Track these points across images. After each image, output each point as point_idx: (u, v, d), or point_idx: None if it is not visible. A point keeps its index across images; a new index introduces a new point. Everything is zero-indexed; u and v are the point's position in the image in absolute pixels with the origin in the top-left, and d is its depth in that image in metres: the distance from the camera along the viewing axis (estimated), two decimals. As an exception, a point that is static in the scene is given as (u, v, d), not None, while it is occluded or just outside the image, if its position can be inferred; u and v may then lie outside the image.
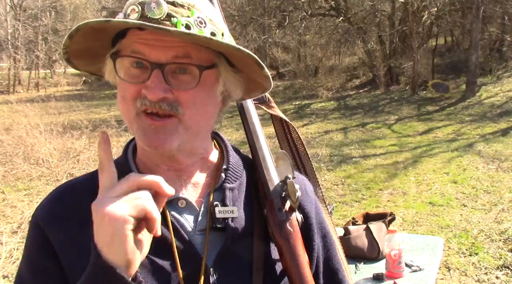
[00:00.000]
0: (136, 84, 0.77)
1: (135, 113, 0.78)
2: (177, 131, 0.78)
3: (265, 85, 0.86)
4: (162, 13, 0.75)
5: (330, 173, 6.98)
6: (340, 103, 14.13)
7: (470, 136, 8.86)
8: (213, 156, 0.92)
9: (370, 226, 2.39)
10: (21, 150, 7.90)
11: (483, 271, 3.82)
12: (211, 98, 0.82)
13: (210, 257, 0.81)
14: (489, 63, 14.47)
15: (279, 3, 17.48)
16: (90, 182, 0.86)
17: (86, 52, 0.82)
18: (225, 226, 0.83)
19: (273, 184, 0.87)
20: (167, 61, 0.76)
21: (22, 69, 24.35)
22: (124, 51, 0.79)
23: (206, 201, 0.85)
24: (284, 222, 0.83)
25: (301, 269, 0.82)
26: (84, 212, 0.79)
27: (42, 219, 0.84)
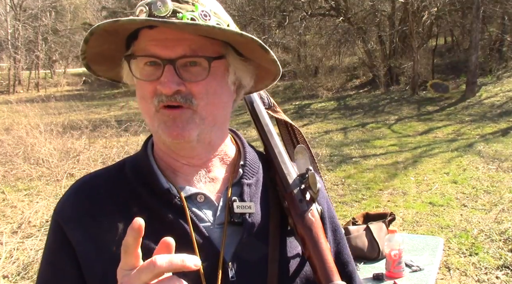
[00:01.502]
0: (151, 82, 0.81)
1: (154, 110, 0.82)
2: (193, 121, 0.81)
3: (274, 70, 0.88)
4: (168, 10, 0.79)
5: (330, 173, 6.98)
6: (340, 103, 14.14)
7: (470, 136, 8.86)
8: (231, 151, 0.94)
9: (370, 226, 2.39)
10: (21, 150, 7.90)
11: (483, 271, 3.82)
12: (223, 88, 0.85)
13: (228, 250, 0.83)
14: (489, 63, 14.47)
15: (279, 3, 17.50)
16: (111, 178, 0.89)
17: (103, 57, 0.86)
18: (243, 221, 0.85)
19: (291, 177, 0.90)
20: (177, 56, 0.80)
21: (22, 69, 24.36)
22: (138, 52, 0.82)
23: (224, 196, 0.88)
24: (306, 212, 0.86)
25: (324, 255, 0.83)
26: (100, 208, 0.84)
27: (61, 217, 0.86)
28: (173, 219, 0.82)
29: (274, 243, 0.86)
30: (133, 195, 0.85)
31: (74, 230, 0.83)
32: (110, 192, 0.86)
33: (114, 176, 0.89)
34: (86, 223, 0.84)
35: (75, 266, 0.82)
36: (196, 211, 0.85)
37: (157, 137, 0.88)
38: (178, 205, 0.83)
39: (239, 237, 0.84)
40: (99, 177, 0.91)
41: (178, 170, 0.88)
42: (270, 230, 0.87)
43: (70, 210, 0.86)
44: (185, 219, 0.82)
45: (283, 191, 0.89)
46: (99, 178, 0.90)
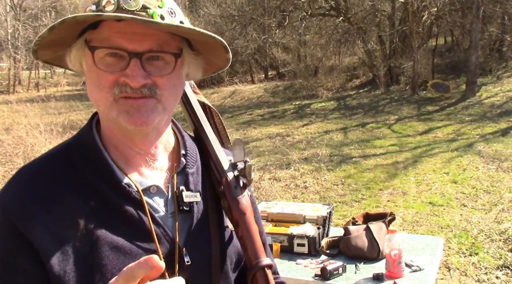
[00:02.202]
0: (113, 73, 0.81)
1: (112, 99, 0.82)
2: (156, 109, 0.84)
3: (221, 65, 0.94)
4: (138, 5, 0.79)
5: (330, 173, 6.98)
6: (340, 103, 14.13)
7: (470, 136, 8.86)
8: (172, 139, 0.98)
9: (370, 226, 2.39)
10: (21, 150, 7.90)
11: (483, 271, 3.82)
12: (180, 81, 0.90)
13: (181, 237, 0.89)
14: (489, 63, 14.47)
15: (279, 3, 17.49)
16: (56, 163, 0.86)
17: (53, 42, 0.83)
18: (190, 209, 0.91)
19: (226, 164, 0.96)
20: (144, 50, 0.81)
21: (22, 69, 24.37)
22: (98, 42, 0.81)
23: (171, 185, 0.92)
24: (241, 198, 0.93)
25: (254, 237, 0.92)
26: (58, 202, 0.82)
27: (14, 214, 0.79)
28: (132, 212, 0.85)
29: (214, 224, 0.94)
30: (90, 188, 0.84)
31: (33, 227, 0.78)
32: (63, 183, 0.83)
33: (63, 165, 0.86)
34: (45, 219, 0.80)
35: (40, 267, 0.78)
36: (150, 202, 0.88)
37: (112, 124, 0.87)
38: (137, 199, 0.86)
39: (188, 224, 0.91)
40: (46, 168, 0.86)
41: (130, 160, 0.89)
42: (209, 212, 0.94)
43: (25, 205, 0.80)
44: (143, 211, 0.85)
45: (218, 176, 0.96)
46: (47, 168, 0.86)
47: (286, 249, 2.43)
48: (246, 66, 20.10)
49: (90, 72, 0.84)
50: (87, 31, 0.82)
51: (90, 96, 0.86)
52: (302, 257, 2.38)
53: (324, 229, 2.53)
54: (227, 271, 0.95)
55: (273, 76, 20.01)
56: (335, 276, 2.15)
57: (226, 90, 18.17)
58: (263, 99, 16.31)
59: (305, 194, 6.15)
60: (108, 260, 0.80)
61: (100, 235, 0.81)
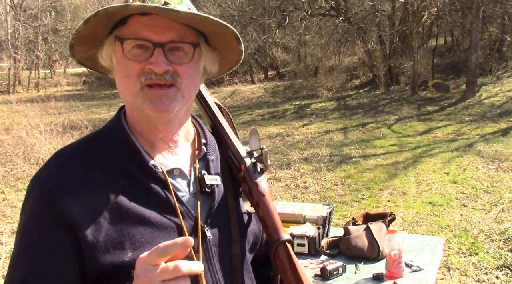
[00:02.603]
0: (140, 62, 0.91)
1: (139, 87, 0.92)
2: (176, 98, 0.94)
3: (237, 60, 1.04)
4: (160, 1, 0.89)
5: (330, 173, 6.98)
6: (340, 103, 14.13)
7: (470, 136, 8.86)
8: (192, 130, 1.08)
9: (370, 226, 2.39)
10: (21, 150, 7.90)
11: (483, 271, 3.82)
12: (198, 72, 0.99)
13: (202, 215, 0.98)
14: (489, 63, 14.46)
15: (279, 3, 17.49)
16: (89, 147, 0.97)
17: (87, 38, 0.94)
18: (212, 191, 1.01)
19: (243, 152, 1.07)
20: (167, 41, 0.91)
21: (22, 69, 24.36)
22: (127, 36, 0.92)
23: (193, 169, 1.02)
24: (259, 181, 1.04)
25: (274, 215, 1.02)
26: (93, 179, 0.91)
27: (52, 186, 0.88)
28: (158, 190, 0.94)
29: (233, 207, 1.04)
30: (120, 168, 0.93)
31: (68, 201, 0.87)
32: (96, 164, 0.93)
33: (95, 149, 0.96)
34: (80, 193, 0.88)
35: (73, 240, 0.86)
36: (174, 183, 0.98)
37: (138, 112, 0.97)
38: (162, 179, 0.95)
39: (209, 204, 1.00)
40: (81, 150, 0.96)
41: (155, 144, 0.99)
42: (228, 196, 1.04)
43: (62, 179, 0.89)
44: (168, 190, 0.95)
45: (237, 163, 1.06)
46: (82, 151, 0.96)
47: (286, 249, 2.42)
48: (246, 66, 20.08)
49: (119, 64, 0.94)
50: (117, 27, 0.93)
51: (118, 87, 0.96)
52: (302, 257, 2.38)
53: (324, 229, 2.53)
54: (244, 248, 1.05)
55: (273, 76, 20.00)
56: (335, 276, 2.15)
57: (226, 90, 18.16)
58: (263, 99, 16.31)
59: (305, 194, 6.15)
60: (136, 230, 0.89)
61: (129, 208, 0.90)
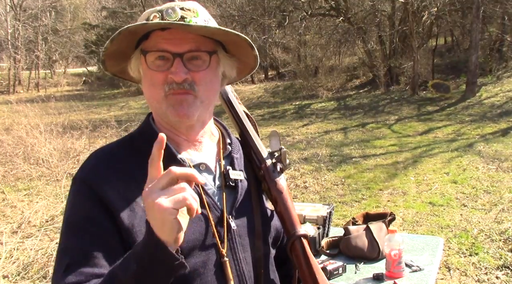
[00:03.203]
0: (162, 72, 1.00)
1: (163, 95, 1.01)
2: (195, 104, 1.02)
3: (252, 64, 1.12)
4: (177, 16, 0.98)
5: (330, 173, 6.98)
6: (340, 103, 14.13)
7: (470, 136, 8.86)
8: (216, 132, 1.17)
9: (370, 226, 2.39)
10: (21, 150, 7.90)
11: (483, 271, 3.82)
12: (216, 78, 1.07)
13: (227, 207, 1.06)
14: (489, 63, 14.46)
15: (279, 3, 17.49)
16: (123, 147, 1.08)
17: (115, 54, 1.04)
18: (236, 185, 1.10)
19: (264, 153, 1.16)
20: (184, 51, 1.00)
21: (22, 69, 24.36)
22: (149, 48, 1.01)
23: (219, 166, 1.11)
24: (278, 179, 1.12)
25: (291, 212, 1.10)
26: (128, 173, 1.01)
27: (91, 179, 1.00)
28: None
29: (256, 201, 1.12)
30: None
31: (106, 189, 0.97)
32: (130, 160, 1.04)
33: (129, 148, 1.07)
34: (117, 184, 0.99)
35: (113, 222, 0.96)
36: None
37: (162, 117, 1.06)
38: None
39: (233, 197, 1.08)
40: (115, 149, 1.08)
41: (180, 144, 1.08)
42: (251, 191, 1.12)
43: (100, 173, 1.01)
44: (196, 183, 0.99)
45: (258, 163, 1.15)
46: (116, 149, 1.07)
47: (286, 249, 2.42)
48: (246, 66, 20.06)
49: (145, 75, 1.04)
50: (141, 42, 1.02)
51: (145, 95, 1.06)
52: (302, 257, 2.38)
53: (324, 229, 2.53)
54: (267, 241, 1.12)
55: (273, 76, 20.00)
56: (335, 276, 2.15)
57: (226, 90, 18.13)
58: (263, 99, 16.31)
59: (305, 194, 6.15)
60: None
61: None
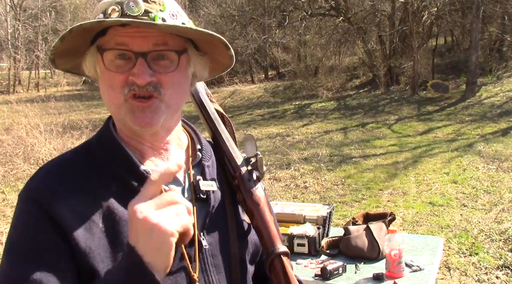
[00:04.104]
0: (123, 73, 0.87)
1: (123, 99, 0.88)
2: (160, 109, 0.89)
3: (228, 64, 0.99)
4: (140, 10, 0.85)
5: (330, 173, 6.98)
6: (340, 103, 14.13)
7: (470, 136, 8.86)
8: (184, 138, 1.04)
9: (370, 226, 2.39)
10: (21, 150, 7.90)
11: (483, 271, 3.82)
12: (185, 79, 0.94)
13: (198, 223, 0.94)
14: (489, 63, 14.46)
15: (279, 3, 17.49)
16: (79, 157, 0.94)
17: (68, 51, 0.91)
18: (207, 197, 0.97)
19: (239, 160, 1.03)
20: (149, 50, 0.87)
21: (22, 69, 24.36)
22: (107, 45, 0.88)
23: (188, 176, 0.98)
24: (254, 190, 0.99)
25: (270, 226, 0.98)
26: (83, 187, 0.88)
27: (41, 195, 0.85)
28: None
29: (231, 215, 1.00)
30: (111, 175, 0.90)
31: (58, 207, 0.83)
32: (86, 172, 0.90)
33: (85, 158, 0.93)
34: (71, 201, 0.85)
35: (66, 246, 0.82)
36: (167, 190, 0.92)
37: (122, 124, 0.94)
38: None
39: (205, 211, 0.96)
40: (70, 159, 0.93)
41: (144, 153, 0.95)
42: (225, 203, 1.00)
43: (50, 188, 0.86)
44: None
45: (232, 171, 1.02)
46: (71, 160, 0.93)
47: (286, 249, 2.42)
48: (246, 66, 20.09)
49: (103, 75, 0.90)
50: (98, 37, 0.89)
51: (103, 98, 0.92)
52: (302, 257, 2.38)
53: (324, 229, 2.53)
54: (244, 259, 1.00)
55: (273, 76, 20.00)
56: (335, 276, 2.15)
57: (226, 90, 18.17)
58: (263, 99, 16.30)
59: (305, 194, 6.15)
60: None
61: (122, 215, 0.86)
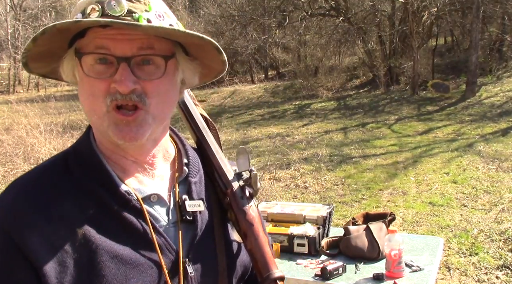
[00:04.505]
0: (104, 80, 0.79)
1: (105, 110, 0.80)
2: (146, 122, 0.81)
3: (219, 69, 0.91)
4: (123, 10, 0.77)
5: (330, 173, 6.98)
6: (340, 103, 14.13)
7: (470, 136, 8.86)
8: (171, 149, 0.95)
9: (370, 226, 2.39)
10: (21, 150, 7.89)
11: (483, 271, 3.82)
12: (173, 86, 0.86)
13: (184, 247, 0.86)
14: (489, 63, 14.46)
15: (279, 3, 17.48)
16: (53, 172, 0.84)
17: (43, 54, 0.82)
18: (194, 219, 0.88)
19: (230, 175, 0.94)
20: (133, 54, 0.79)
21: (22, 69, 24.31)
22: (86, 49, 0.80)
23: (173, 194, 0.90)
24: (247, 208, 0.91)
25: (264, 249, 0.90)
26: (56, 210, 0.79)
27: (10, 223, 0.76)
28: (133, 220, 0.82)
29: (220, 236, 0.91)
30: (89, 196, 0.82)
31: (27, 236, 0.75)
32: (60, 191, 0.81)
33: (62, 174, 0.84)
34: (42, 228, 0.76)
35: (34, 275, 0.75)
36: (151, 211, 0.86)
37: (104, 136, 0.85)
38: (137, 207, 0.83)
39: (191, 233, 0.88)
40: (44, 177, 0.83)
41: (127, 169, 0.87)
42: (214, 223, 0.91)
43: (21, 214, 0.77)
44: (145, 220, 0.83)
45: (223, 187, 0.93)
46: (45, 177, 0.83)
47: (286, 249, 2.43)
48: (246, 66, 20.07)
49: (82, 81, 0.82)
50: (76, 40, 0.80)
51: (83, 106, 0.83)
52: (302, 257, 2.38)
53: (324, 229, 2.53)
54: (231, 282, 0.92)
55: (273, 76, 19.99)
56: (335, 276, 2.15)
57: (226, 90, 18.16)
58: (263, 99, 16.30)
59: (305, 194, 6.15)
60: (108, 270, 0.78)
61: (99, 243, 0.78)
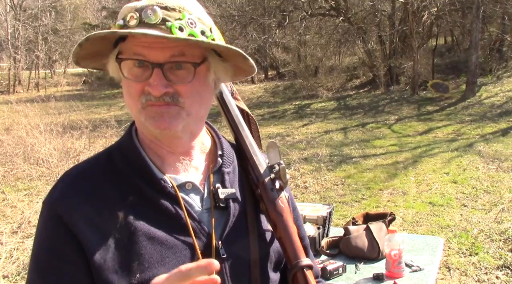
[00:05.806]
0: (139, 82, 0.88)
1: (140, 107, 0.89)
2: (180, 116, 0.89)
3: (250, 71, 0.98)
4: (158, 18, 0.85)
5: (330, 173, 6.98)
6: (340, 103, 14.13)
7: (470, 136, 8.86)
8: (207, 142, 1.03)
9: (370, 226, 2.39)
10: (21, 150, 7.89)
11: (483, 271, 3.82)
12: (205, 87, 0.93)
13: (217, 232, 0.93)
14: (489, 63, 14.47)
15: (279, 3, 17.48)
16: (99, 164, 0.95)
17: (92, 54, 0.93)
18: (227, 205, 0.95)
19: (262, 168, 1.00)
20: (165, 61, 0.86)
21: (22, 69, 24.33)
22: (126, 54, 0.89)
23: (208, 183, 0.97)
24: (277, 200, 0.97)
25: (293, 237, 0.96)
26: (101, 197, 0.89)
27: (62, 207, 0.88)
28: (168, 206, 0.90)
29: (252, 224, 0.98)
30: (129, 184, 0.91)
31: (76, 218, 0.86)
32: (104, 181, 0.91)
33: (105, 166, 0.94)
34: (88, 212, 0.87)
35: (83, 258, 0.85)
36: (186, 198, 0.93)
37: (142, 128, 0.94)
38: (172, 194, 0.91)
39: (224, 219, 0.94)
40: (89, 168, 0.94)
41: (165, 159, 0.95)
42: (247, 212, 0.98)
43: (69, 197, 0.89)
44: (179, 206, 0.91)
45: (255, 179, 1.00)
46: (90, 169, 0.94)
47: (286, 249, 2.42)
48: (246, 66, 20.06)
49: (123, 81, 0.92)
50: (119, 42, 0.90)
51: (125, 102, 0.94)
52: (302, 257, 2.38)
53: (324, 229, 2.53)
54: (266, 268, 0.98)
55: (273, 76, 20.00)
56: (335, 276, 2.15)
57: (226, 90, 18.14)
58: (263, 99, 16.31)
59: (305, 194, 6.15)
60: (145, 250, 0.86)
61: (138, 226, 0.87)
